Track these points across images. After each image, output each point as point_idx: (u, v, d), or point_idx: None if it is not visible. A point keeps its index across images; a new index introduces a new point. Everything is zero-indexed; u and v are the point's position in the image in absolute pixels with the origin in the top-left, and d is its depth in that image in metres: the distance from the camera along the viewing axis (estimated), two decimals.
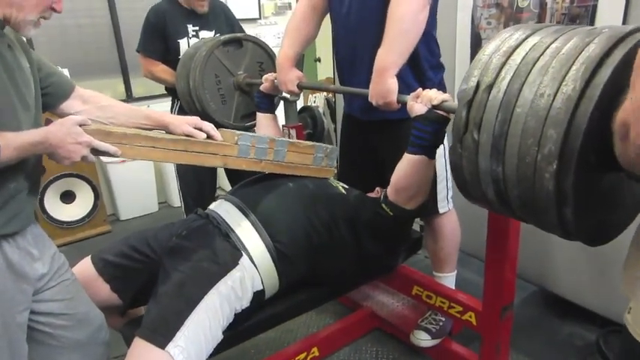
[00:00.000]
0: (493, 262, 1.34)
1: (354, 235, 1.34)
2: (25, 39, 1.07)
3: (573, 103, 0.72)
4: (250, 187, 1.40)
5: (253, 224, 1.25)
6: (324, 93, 3.97)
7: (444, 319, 1.69)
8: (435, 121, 1.15)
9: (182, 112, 2.23)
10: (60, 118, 1.20)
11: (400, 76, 1.32)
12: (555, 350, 1.77)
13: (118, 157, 1.05)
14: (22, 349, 1.04)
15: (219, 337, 1.13)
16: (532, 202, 0.80)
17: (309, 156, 1.44)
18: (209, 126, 1.23)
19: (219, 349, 1.15)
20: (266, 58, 1.99)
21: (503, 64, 0.84)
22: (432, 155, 1.20)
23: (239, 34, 1.98)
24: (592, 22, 1.63)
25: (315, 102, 3.97)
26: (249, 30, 3.65)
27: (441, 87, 1.53)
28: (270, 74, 1.68)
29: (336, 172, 1.59)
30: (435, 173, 1.49)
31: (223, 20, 2.25)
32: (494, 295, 1.38)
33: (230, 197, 1.36)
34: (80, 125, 0.98)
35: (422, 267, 2.13)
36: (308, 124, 3.19)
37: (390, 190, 1.29)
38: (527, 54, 0.82)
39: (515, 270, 1.37)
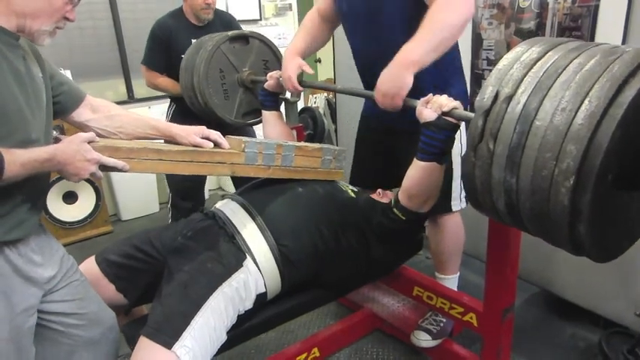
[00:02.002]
0: (494, 263, 1.34)
1: (363, 241, 1.34)
2: (38, 48, 1.08)
3: (596, 120, 0.71)
4: (259, 189, 1.40)
5: (259, 226, 1.25)
6: (325, 94, 3.98)
7: (444, 319, 1.68)
8: (446, 129, 1.13)
9: (176, 114, 2.26)
10: (70, 125, 1.22)
11: (418, 76, 1.24)
12: (557, 352, 1.76)
13: (126, 171, 1.05)
14: (30, 353, 1.05)
15: (223, 338, 1.13)
16: (545, 216, 0.80)
17: (317, 159, 1.43)
18: (216, 134, 1.24)
19: (220, 349, 1.15)
20: (272, 56, 1.99)
21: (524, 75, 0.84)
22: (442, 161, 1.19)
23: (246, 31, 1.99)
24: (594, 23, 1.62)
25: (315, 103, 3.97)
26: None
27: (461, 90, 1.50)
28: (275, 72, 1.67)
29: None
30: (452, 171, 1.48)
31: None
32: (495, 297, 1.37)
33: (237, 197, 1.35)
34: (89, 142, 0.99)
35: (423, 268, 2.13)
36: (309, 125, 3.21)
37: (401, 196, 1.28)
38: (548, 67, 0.82)
39: (517, 271, 1.36)
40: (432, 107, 1.13)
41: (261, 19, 3.73)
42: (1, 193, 0.93)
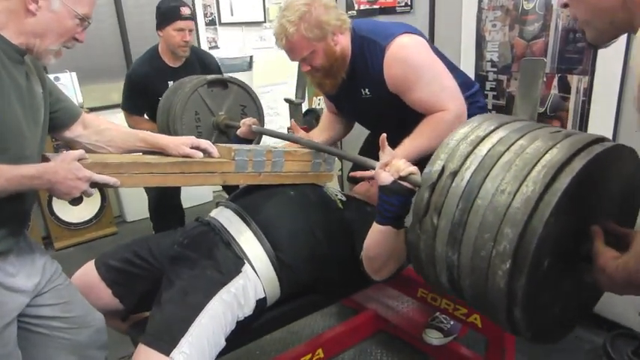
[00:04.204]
0: None
1: (353, 252, 1.32)
2: (42, 65, 1.09)
3: (532, 205, 0.72)
4: (251, 195, 1.39)
5: (255, 233, 1.25)
6: None
7: None
8: (399, 193, 1.08)
9: None
10: (62, 140, 1.23)
11: None
12: (562, 354, 1.76)
13: (118, 187, 1.06)
14: (16, 357, 1.05)
15: (222, 344, 1.13)
16: (483, 295, 0.81)
17: (307, 163, 1.42)
18: (206, 143, 1.25)
19: (224, 350, 1.15)
20: (250, 102, 1.98)
21: (470, 153, 0.85)
22: (398, 225, 1.14)
23: (225, 76, 1.97)
24: None
25: (319, 104, 3.98)
26: (255, 33, 3.70)
27: (472, 102, 1.53)
28: (248, 119, 1.64)
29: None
30: None
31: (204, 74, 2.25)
32: None
33: (231, 204, 1.36)
34: (78, 160, 0.99)
35: None
36: (313, 126, 3.19)
37: (363, 255, 1.25)
38: (493, 147, 0.84)
39: None
40: (389, 170, 1.10)
41: (265, 22, 3.75)
42: None
